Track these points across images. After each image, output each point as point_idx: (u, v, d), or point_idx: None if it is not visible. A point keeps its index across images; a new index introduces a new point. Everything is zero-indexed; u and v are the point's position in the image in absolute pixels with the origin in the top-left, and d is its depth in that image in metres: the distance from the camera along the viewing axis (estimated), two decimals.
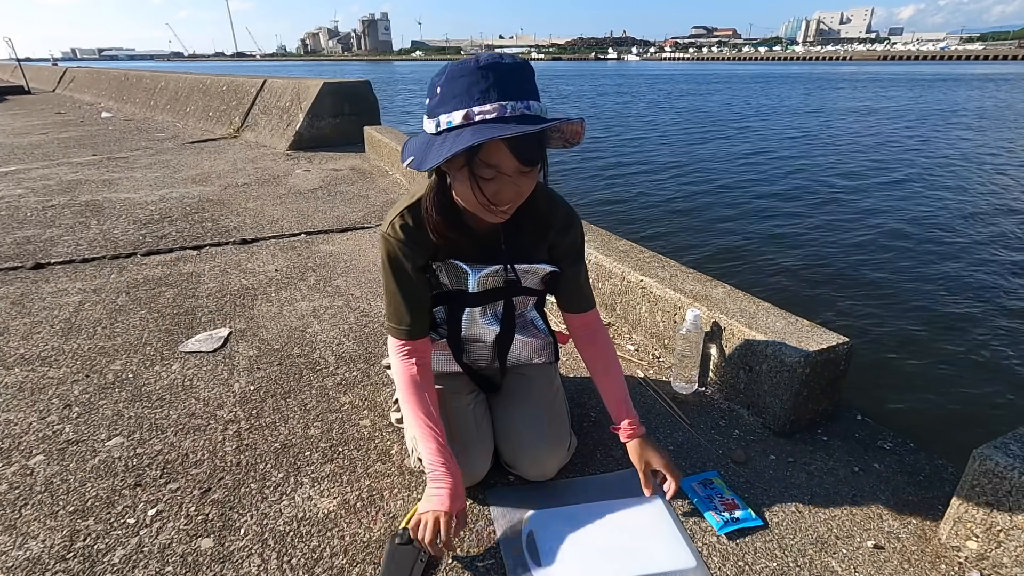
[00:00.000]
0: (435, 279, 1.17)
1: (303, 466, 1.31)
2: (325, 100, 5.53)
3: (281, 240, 2.92)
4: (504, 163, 0.91)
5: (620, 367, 1.29)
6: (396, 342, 1.17)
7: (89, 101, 10.82)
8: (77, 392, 1.60)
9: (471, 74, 0.87)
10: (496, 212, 0.98)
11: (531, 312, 1.31)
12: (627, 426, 1.22)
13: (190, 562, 1.06)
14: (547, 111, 0.91)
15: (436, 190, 1.03)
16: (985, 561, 1.04)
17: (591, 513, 1.17)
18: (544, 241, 1.16)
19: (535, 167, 0.95)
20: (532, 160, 0.93)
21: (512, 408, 1.28)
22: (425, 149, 0.93)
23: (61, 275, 2.45)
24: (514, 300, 1.23)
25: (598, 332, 1.29)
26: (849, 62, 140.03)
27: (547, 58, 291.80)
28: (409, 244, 1.09)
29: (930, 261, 4.83)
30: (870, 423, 1.48)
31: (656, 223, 6.07)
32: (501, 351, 1.28)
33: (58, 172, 4.50)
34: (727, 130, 13.51)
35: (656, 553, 1.08)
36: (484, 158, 0.91)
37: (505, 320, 1.24)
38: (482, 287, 1.17)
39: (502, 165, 0.91)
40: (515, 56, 0.91)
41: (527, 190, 0.98)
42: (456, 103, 0.88)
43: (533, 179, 0.97)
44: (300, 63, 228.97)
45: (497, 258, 1.14)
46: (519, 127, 0.85)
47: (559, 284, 1.23)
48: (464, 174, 0.93)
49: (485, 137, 0.84)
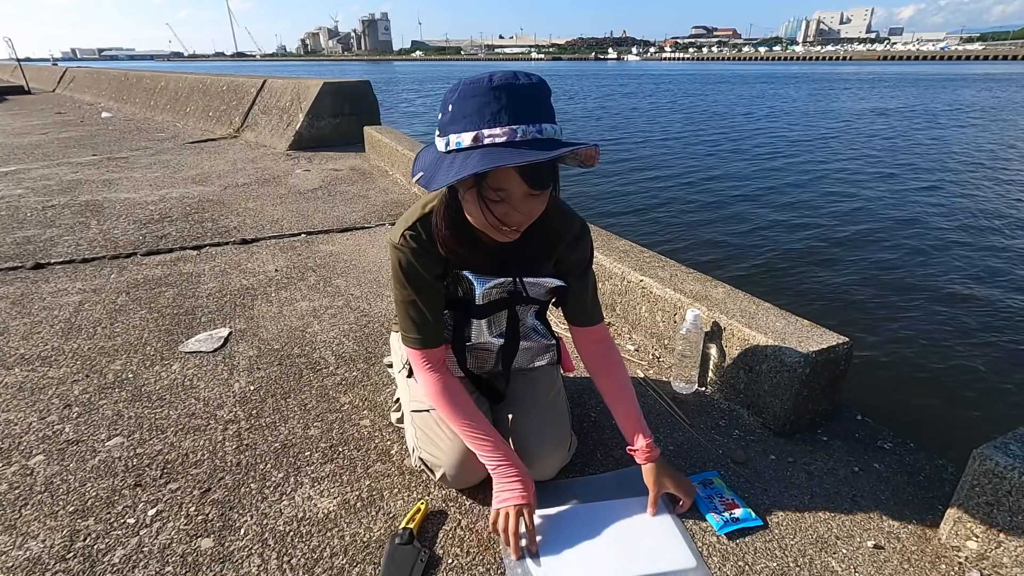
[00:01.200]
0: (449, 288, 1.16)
1: (303, 466, 1.31)
2: (325, 100, 5.53)
3: (281, 240, 2.92)
4: (513, 188, 0.90)
5: (632, 388, 1.25)
6: (415, 354, 1.15)
7: (89, 101, 10.82)
8: (77, 392, 1.60)
9: (484, 94, 0.86)
10: (506, 233, 0.97)
11: (531, 320, 1.30)
12: (644, 448, 1.18)
13: (190, 562, 1.06)
14: (562, 132, 0.90)
15: (446, 205, 1.02)
16: (985, 561, 1.04)
17: (590, 513, 1.17)
18: (552, 253, 1.15)
19: (546, 191, 0.94)
20: (542, 185, 0.92)
21: (513, 409, 1.28)
22: (435, 167, 0.91)
23: (61, 275, 2.45)
24: (517, 310, 1.22)
25: (611, 358, 1.26)
26: (849, 62, 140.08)
27: (547, 58, 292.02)
28: (420, 255, 1.08)
29: (931, 261, 4.83)
30: (870, 423, 1.48)
31: (656, 223, 6.07)
32: (506, 360, 1.27)
33: (58, 172, 4.50)
34: (729, 130, 13.51)
35: (656, 553, 1.08)
36: (492, 183, 0.90)
37: (510, 330, 1.23)
38: (486, 299, 1.16)
39: (511, 190, 0.91)
40: (531, 75, 0.89)
41: (537, 212, 0.96)
42: (466, 123, 0.87)
43: (543, 201, 0.96)
44: (300, 63, 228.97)
45: (507, 271, 1.13)
46: (529, 153, 0.84)
47: (566, 298, 1.23)
48: (473, 195, 0.92)
49: (492, 165, 0.83)
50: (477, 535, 1.13)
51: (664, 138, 12.25)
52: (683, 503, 1.17)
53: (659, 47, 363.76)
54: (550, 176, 0.94)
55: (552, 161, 0.91)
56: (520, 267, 1.13)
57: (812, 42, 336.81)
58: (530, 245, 1.08)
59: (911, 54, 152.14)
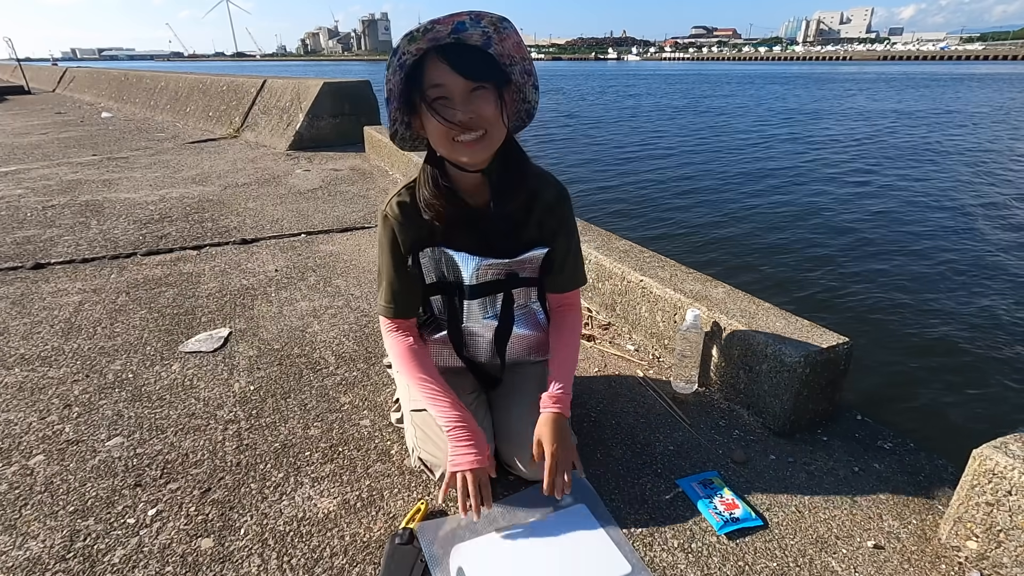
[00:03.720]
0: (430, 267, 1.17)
1: (303, 466, 1.31)
2: (325, 100, 5.53)
3: (281, 240, 2.92)
4: (447, 80, 0.97)
5: (576, 350, 1.27)
6: (385, 321, 1.21)
7: (89, 101, 10.82)
8: (77, 392, 1.60)
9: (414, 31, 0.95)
10: (464, 145, 1.01)
11: (534, 304, 1.31)
12: (550, 395, 1.17)
13: (190, 562, 1.06)
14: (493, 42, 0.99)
15: (426, 161, 1.11)
16: (985, 561, 1.04)
17: (518, 535, 1.12)
18: (531, 215, 1.18)
19: (485, 86, 0.99)
20: (474, 74, 0.97)
21: (511, 408, 1.28)
22: None
23: (61, 275, 2.45)
24: (513, 292, 1.24)
25: (571, 320, 1.29)
26: (849, 62, 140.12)
27: (547, 58, 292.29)
28: (405, 222, 1.13)
29: (931, 261, 4.83)
30: (870, 423, 1.48)
31: (657, 223, 6.07)
32: (500, 344, 1.28)
33: (58, 172, 4.50)
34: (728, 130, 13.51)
35: (589, 565, 1.06)
36: (428, 80, 0.97)
37: (503, 313, 1.24)
38: (480, 279, 1.18)
39: (448, 84, 0.97)
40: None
41: (486, 114, 1.00)
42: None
43: (488, 103, 1.00)
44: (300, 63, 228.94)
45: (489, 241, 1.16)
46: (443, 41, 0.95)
47: (552, 264, 1.24)
48: (428, 115, 1.00)
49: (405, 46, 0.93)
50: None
51: (663, 139, 12.25)
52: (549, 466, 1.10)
53: (659, 47, 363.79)
54: (483, 69, 0.99)
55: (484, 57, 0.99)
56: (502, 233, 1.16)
57: (812, 42, 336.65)
58: (508, 205, 1.12)
59: (911, 54, 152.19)
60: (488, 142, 1.03)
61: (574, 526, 1.14)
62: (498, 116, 1.02)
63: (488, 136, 1.02)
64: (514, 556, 1.08)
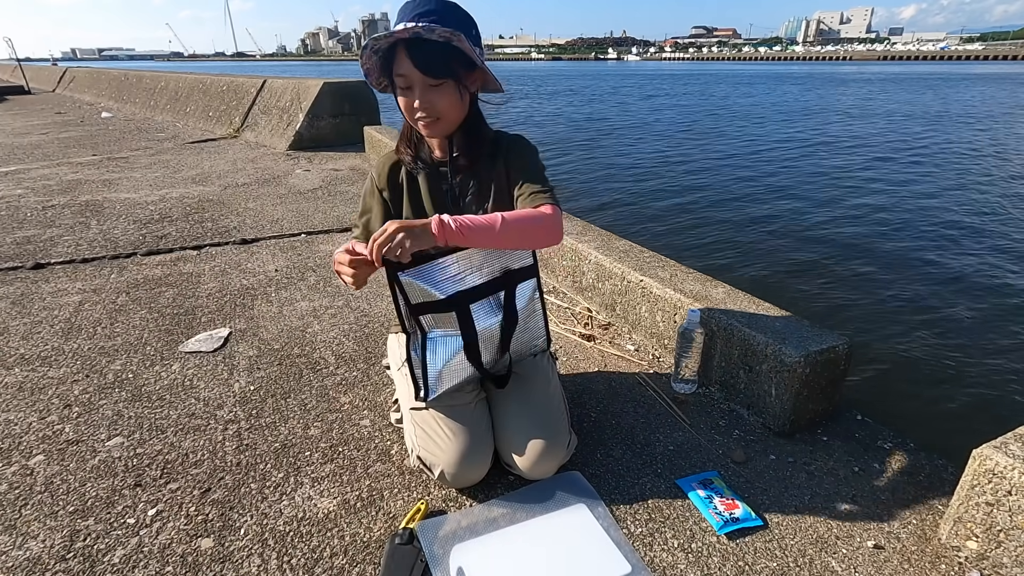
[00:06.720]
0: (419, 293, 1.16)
1: (303, 466, 1.31)
2: (325, 100, 5.53)
3: (281, 240, 2.92)
4: (408, 72, 1.09)
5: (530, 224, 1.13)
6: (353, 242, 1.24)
7: (89, 101, 10.83)
8: (77, 392, 1.60)
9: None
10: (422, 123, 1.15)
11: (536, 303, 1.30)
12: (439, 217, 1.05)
13: (190, 562, 1.06)
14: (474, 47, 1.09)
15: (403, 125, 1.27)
16: (985, 561, 1.04)
17: (517, 533, 1.12)
18: (495, 164, 1.25)
19: (441, 81, 1.10)
20: (431, 70, 1.08)
21: (511, 408, 1.28)
22: None
23: (61, 275, 2.45)
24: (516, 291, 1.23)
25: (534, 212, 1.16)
26: (849, 62, 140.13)
27: (547, 58, 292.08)
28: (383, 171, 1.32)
29: (931, 261, 4.83)
30: (870, 423, 1.48)
31: (657, 223, 6.06)
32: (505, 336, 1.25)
33: (58, 172, 4.50)
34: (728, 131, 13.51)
35: (589, 565, 1.06)
36: (395, 71, 1.11)
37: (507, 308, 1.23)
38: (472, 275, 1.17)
39: (408, 75, 1.09)
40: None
41: (443, 107, 1.13)
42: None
43: (447, 96, 1.12)
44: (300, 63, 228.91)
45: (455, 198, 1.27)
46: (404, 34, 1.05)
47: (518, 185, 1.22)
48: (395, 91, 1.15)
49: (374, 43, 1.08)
50: None
51: (663, 137, 12.25)
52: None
53: (659, 47, 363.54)
54: (441, 67, 1.09)
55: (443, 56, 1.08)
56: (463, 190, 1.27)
57: (812, 42, 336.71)
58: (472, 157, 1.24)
59: (911, 54, 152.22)
60: (443, 124, 1.17)
61: (574, 526, 1.14)
62: (454, 105, 1.14)
63: (443, 120, 1.16)
64: (514, 556, 1.08)
